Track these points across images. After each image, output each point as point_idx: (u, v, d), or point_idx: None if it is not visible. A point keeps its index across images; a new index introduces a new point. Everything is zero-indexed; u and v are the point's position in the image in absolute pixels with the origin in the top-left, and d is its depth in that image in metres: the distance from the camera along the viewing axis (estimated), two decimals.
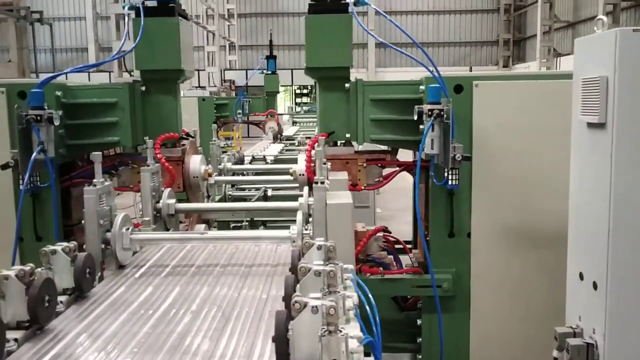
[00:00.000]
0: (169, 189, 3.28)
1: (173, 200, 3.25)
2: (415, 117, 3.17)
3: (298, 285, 1.90)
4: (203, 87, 24.16)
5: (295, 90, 32.56)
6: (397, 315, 3.85)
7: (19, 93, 3.30)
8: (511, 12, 32.72)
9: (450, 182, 3.21)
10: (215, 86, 24.50)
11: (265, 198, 5.11)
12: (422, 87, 3.41)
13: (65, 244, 2.18)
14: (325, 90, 3.73)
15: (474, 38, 32.84)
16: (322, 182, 2.51)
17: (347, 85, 3.63)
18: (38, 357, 1.73)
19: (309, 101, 29.27)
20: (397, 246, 4.03)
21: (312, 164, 3.65)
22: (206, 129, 7.79)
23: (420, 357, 3.62)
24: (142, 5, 3.49)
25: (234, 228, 4.54)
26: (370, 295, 2.03)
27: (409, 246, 4.13)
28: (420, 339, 3.59)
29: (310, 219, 2.85)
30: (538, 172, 3.31)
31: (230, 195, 5.16)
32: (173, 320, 2.00)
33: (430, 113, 3.09)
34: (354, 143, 3.79)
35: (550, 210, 3.33)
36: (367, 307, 1.97)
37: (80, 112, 3.52)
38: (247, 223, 4.00)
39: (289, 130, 13.08)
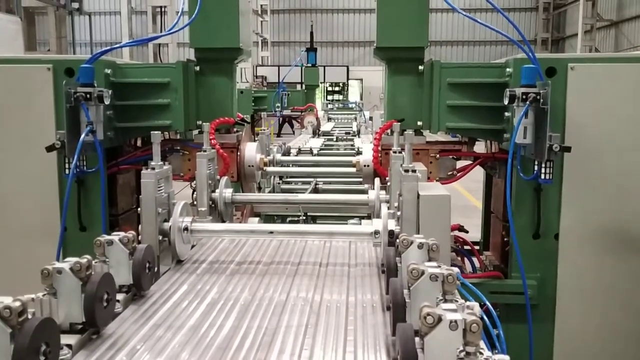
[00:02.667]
0: (225, 178, 2.98)
1: (230, 190, 2.95)
2: (506, 102, 2.80)
3: (406, 292, 1.57)
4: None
5: (327, 87, 32.25)
6: None
7: (67, 70, 3.03)
8: (550, 10, 31.92)
9: (543, 176, 2.84)
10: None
11: (316, 191, 4.79)
12: (508, 70, 3.05)
13: (122, 233, 1.88)
14: (395, 73, 3.39)
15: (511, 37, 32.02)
16: (414, 170, 2.16)
17: (420, 67, 3.28)
18: None
19: (341, 98, 28.91)
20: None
21: (380, 155, 3.34)
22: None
23: None
24: None
25: (291, 222, 4.23)
26: (488, 304, 1.69)
27: (476, 247, 3.77)
28: (497, 351, 3.23)
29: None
30: None
31: (279, 187, 4.86)
32: (250, 331, 1.67)
33: (524, 97, 2.72)
34: (424, 132, 3.44)
35: None
36: (487, 319, 1.64)
37: (130, 92, 3.23)
38: (304, 217, 3.69)
39: (325, 126, 12.76)
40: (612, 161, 2.96)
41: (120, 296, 1.81)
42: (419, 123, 3.35)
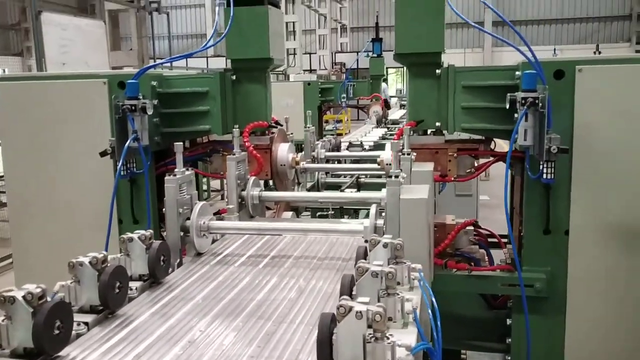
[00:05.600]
0: (253, 178, 3.33)
1: (258, 189, 3.30)
2: (508, 106, 2.95)
3: (355, 286, 1.85)
4: (314, 70, 24.38)
5: (407, 71, 31.90)
6: (485, 313, 3.66)
7: (119, 83, 3.49)
8: None
9: (545, 176, 2.97)
10: (325, 69, 24.66)
11: (358, 185, 5.05)
12: (518, 73, 3.17)
13: (142, 232, 2.27)
14: (415, 77, 3.59)
15: (602, 13, 30.26)
16: (397, 176, 2.41)
17: (438, 71, 3.46)
18: (105, 340, 1.81)
19: None
20: (491, 239, 3.84)
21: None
22: (311, 113, 7.88)
23: (509, 358, 3.42)
24: None
25: (320, 216, 4.55)
26: (433, 299, 1.92)
27: (504, 240, 3.90)
28: (510, 340, 3.40)
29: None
30: None
31: (323, 182, 5.17)
32: (243, 302, 2.05)
33: (523, 101, 2.86)
34: (444, 132, 3.63)
35: None
36: (430, 312, 1.87)
37: (174, 101, 3.64)
38: (332, 211, 3.97)
39: (395, 114, 12.88)
40: (621, 160, 3.02)
41: (138, 284, 2.20)
42: (438, 124, 3.54)
